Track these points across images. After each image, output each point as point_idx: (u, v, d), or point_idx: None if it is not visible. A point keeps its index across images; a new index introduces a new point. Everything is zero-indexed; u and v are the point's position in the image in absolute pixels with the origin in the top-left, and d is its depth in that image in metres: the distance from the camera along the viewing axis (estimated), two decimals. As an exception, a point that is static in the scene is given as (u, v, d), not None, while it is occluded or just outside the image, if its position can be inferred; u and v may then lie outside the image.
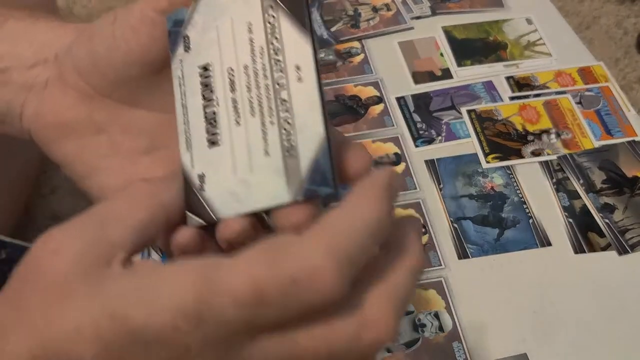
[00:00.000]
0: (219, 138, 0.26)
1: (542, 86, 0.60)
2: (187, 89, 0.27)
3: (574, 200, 0.51)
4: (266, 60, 0.25)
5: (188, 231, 0.25)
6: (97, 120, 0.30)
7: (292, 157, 0.24)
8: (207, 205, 0.26)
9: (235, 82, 0.26)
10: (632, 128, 0.56)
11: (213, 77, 0.26)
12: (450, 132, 0.57)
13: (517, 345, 0.43)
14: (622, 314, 0.44)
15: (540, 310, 0.45)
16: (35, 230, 0.53)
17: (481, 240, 0.49)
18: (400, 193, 0.52)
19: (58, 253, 0.22)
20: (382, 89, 0.60)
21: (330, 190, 0.23)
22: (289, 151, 0.24)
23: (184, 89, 0.27)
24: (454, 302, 0.45)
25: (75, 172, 0.30)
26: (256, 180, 0.25)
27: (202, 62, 0.27)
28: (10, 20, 0.32)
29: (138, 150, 0.30)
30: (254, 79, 0.25)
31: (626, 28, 0.68)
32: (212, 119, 0.26)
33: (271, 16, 0.25)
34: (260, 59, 0.25)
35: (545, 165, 0.53)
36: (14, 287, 0.23)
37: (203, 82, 0.27)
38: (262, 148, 0.25)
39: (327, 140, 0.23)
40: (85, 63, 0.29)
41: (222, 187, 0.26)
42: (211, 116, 0.26)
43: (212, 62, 0.26)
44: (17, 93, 0.30)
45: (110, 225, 0.23)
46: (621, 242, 0.48)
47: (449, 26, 0.66)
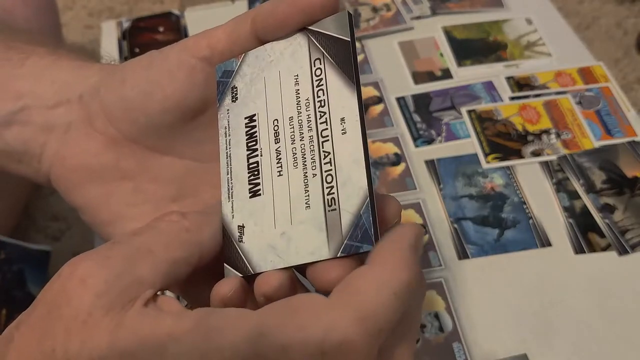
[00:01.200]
0: (261, 189, 0.25)
1: (542, 86, 0.60)
2: (232, 139, 0.27)
3: (574, 201, 0.51)
4: (312, 112, 0.25)
5: (231, 282, 0.24)
6: (124, 167, 0.29)
7: (333, 211, 0.23)
8: (245, 257, 0.25)
9: (279, 133, 0.25)
10: (632, 128, 0.56)
11: (258, 127, 0.26)
12: (450, 132, 0.57)
13: (517, 345, 0.43)
14: (622, 314, 0.44)
15: (540, 310, 0.45)
16: (35, 230, 0.53)
17: (481, 241, 0.49)
18: (399, 193, 0.52)
19: (85, 284, 0.22)
20: (382, 89, 0.60)
21: (371, 247, 0.22)
22: (330, 205, 0.24)
23: (229, 138, 0.27)
24: (454, 303, 0.45)
25: (98, 218, 0.29)
26: (296, 234, 0.24)
27: (248, 113, 0.27)
28: (33, 57, 0.31)
29: (165, 198, 0.29)
30: (298, 131, 0.25)
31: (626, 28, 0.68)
32: (255, 169, 0.26)
33: (318, 69, 0.25)
34: (306, 110, 0.25)
35: (545, 166, 0.53)
36: (40, 310, 0.23)
37: (248, 133, 0.26)
38: (304, 201, 0.24)
39: (370, 196, 0.23)
40: (115, 108, 0.28)
41: (261, 239, 0.25)
42: (254, 167, 0.26)
43: (259, 113, 0.26)
44: (36, 133, 0.29)
45: (141, 260, 0.23)
46: (621, 242, 0.48)
47: (449, 26, 0.66)
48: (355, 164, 0.23)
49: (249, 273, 0.25)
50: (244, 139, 0.26)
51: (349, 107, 0.24)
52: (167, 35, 0.67)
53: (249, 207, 0.26)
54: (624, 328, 0.44)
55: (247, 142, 0.26)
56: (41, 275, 0.48)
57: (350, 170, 0.23)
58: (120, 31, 0.67)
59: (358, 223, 0.23)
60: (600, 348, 0.43)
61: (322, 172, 0.24)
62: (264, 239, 0.25)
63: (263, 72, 0.26)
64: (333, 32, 0.25)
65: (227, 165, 0.27)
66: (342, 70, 0.24)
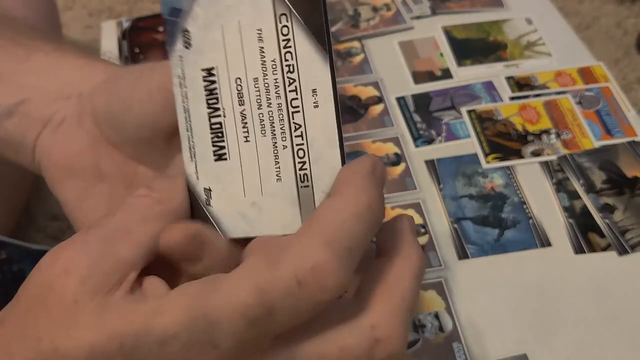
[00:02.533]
0: (226, 153, 0.24)
1: (542, 86, 0.60)
2: (190, 92, 0.25)
3: (574, 201, 0.51)
4: (279, 77, 0.23)
5: (179, 231, 0.24)
6: (104, 169, 0.30)
7: (305, 187, 0.23)
8: (215, 221, 0.25)
9: (243, 95, 0.24)
10: (632, 128, 0.56)
11: (219, 84, 0.24)
12: (450, 132, 0.57)
13: (517, 345, 0.43)
14: (622, 314, 0.44)
15: (540, 310, 0.45)
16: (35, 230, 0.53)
17: (481, 241, 0.49)
18: (399, 193, 0.52)
19: (68, 272, 0.22)
20: (382, 89, 0.60)
21: None
22: (302, 181, 0.23)
23: (185, 90, 0.25)
24: (454, 303, 0.45)
25: (74, 215, 0.30)
26: (268, 205, 0.24)
27: (205, 65, 0.24)
28: (38, 53, 0.31)
29: None
30: (264, 95, 0.23)
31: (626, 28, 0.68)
32: (219, 131, 0.24)
33: (284, 26, 0.23)
34: (273, 74, 0.23)
35: (545, 166, 0.53)
36: (24, 303, 0.23)
37: (208, 88, 0.25)
38: (274, 172, 0.24)
39: None
40: (101, 112, 0.29)
41: (230, 206, 0.25)
42: (217, 127, 0.24)
43: (218, 67, 0.24)
44: (34, 125, 0.30)
45: (120, 240, 0.23)
46: (621, 242, 0.48)
47: (449, 26, 0.66)
48: (329, 142, 0.23)
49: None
50: (203, 94, 0.25)
51: (322, 78, 0.22)
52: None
53: (215, 170, 0.25)
54: (624, 328, 0.44)
55: (207, 99, 0.24)
56: (41, 275, 0.48)
57: (323, 148, 0.23)
58: (120, 31, 0.67)
59: None
60: (600, 348, 0.43)
61: (293, 145, 0.23)
62: (232, 206, 0.25)
63: (219, 19, 0.24)
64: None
65: (185, 121, 0.25)
66: (312, 32, 0.22)
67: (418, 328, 0.44)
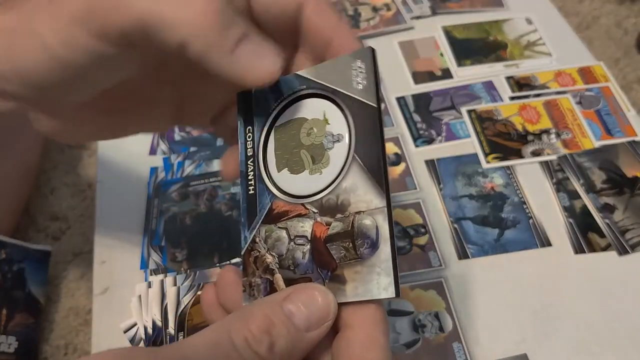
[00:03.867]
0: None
1: (542, 86, 0.60)
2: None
3: (574, 201, 0.51)
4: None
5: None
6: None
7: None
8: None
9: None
10: (632, 128, 0.56)
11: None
12: (450, 132, 0.57)
13: (517, 345, 0.43)
14: (622, 314, 0.44)
15: (540, 310, 0.45)
16: (35, 230, 0.53)
17: (481, 241, 0.49)
18: (400, 193, 0.52)
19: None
20: (382, 88, 0.60)
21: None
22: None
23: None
24: (454, 302, 0.45)
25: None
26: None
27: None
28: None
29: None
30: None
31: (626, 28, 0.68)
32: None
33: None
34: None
35: (545, 165, 0.53)
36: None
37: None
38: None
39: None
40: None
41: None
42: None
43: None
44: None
45: None
46: (621, 242, 0.48)
47: (449, 26, 0.66)
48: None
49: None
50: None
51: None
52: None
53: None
54: (624, 328, 0.44)
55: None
56: (41, 275, 0.48)
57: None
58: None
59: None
60: (600, 348, 0.43)
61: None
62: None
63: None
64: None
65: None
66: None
67: (418, 328, 0.44)
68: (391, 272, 0.25)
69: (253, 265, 0.29)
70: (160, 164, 0.54)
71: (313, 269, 0.27)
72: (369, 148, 0.27)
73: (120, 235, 0.49)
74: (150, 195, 0.52)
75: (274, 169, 0.29)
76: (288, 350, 0.25)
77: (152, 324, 0.43)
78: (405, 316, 0.44)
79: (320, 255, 0.27)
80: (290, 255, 0.28)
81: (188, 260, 0.48)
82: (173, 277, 0.46)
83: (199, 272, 0.46)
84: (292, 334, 0.25)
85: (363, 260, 0.26)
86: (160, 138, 0.57)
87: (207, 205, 0.51)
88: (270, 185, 0.29)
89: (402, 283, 0.46)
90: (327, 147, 0.28)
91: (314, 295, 0.26)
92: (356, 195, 0.27)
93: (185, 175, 0.53)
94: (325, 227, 0.27)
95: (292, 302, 0.25)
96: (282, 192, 0.29)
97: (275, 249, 0.28)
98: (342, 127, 0.28)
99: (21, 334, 0.45)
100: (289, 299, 0.26)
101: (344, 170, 0.27)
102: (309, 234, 0.27)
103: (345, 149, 0.27)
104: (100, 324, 0.45)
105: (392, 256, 0.25)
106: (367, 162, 0.27)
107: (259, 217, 0.29)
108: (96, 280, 0.47)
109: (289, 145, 0.29)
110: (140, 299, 0.45)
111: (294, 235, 0.28)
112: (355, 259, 0.26)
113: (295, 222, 0.28)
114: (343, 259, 0.26)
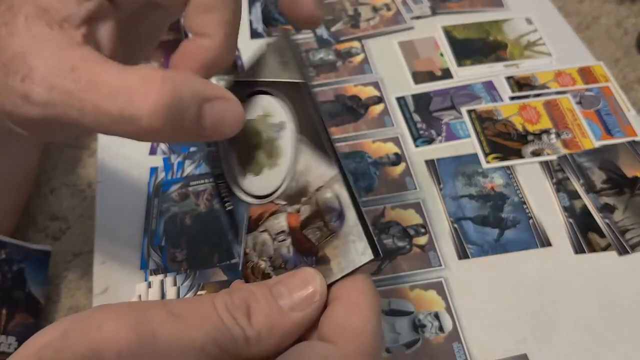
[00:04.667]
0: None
1: (542, 86, 0.60)
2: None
3: (574, 201, 0.51)
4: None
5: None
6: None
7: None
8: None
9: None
10: (632, 128, 0.56)
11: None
12: (450, 132, 0.57)
13: (517, 345, 0.43)
14: (622, 314, 0.44)
15: (540, 310, 0.45)
16: (35, 230, 0.53)
17: (481, 241, 0.49)
18: (399, 193, 0.52)
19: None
20: (382, 89, 0.60)
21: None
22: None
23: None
24: (454, 303, 0.45)
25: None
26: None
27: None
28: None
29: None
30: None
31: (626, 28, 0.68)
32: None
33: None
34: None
35: (545, 165, 0.53)
36: None
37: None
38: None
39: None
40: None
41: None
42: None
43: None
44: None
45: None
46: (621, 242, 0.48)
47: (449, 26, 0.66)
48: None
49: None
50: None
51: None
52: (168, 34, 0.67)
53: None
54: (623, 327, 0.44)
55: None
56: (41, 275, 0.48)
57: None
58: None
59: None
60: (600, 348, 0.43)
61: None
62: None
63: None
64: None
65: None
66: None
67: (418, 328, 0.44)
68: (362, 235, 0.25)
69: (253, 276, 0.29)
70: (160, 164, 0.54)
71: (300, 259, 0.27)
72: (308, 123, 0.27)
73: (120, 235, 0.49)
74: (150, 195, 0.52)
75: (241, 178, 0.30)
76: (267, 326, 0.25)
77: (152, 324, 0.43)
78: (405, 316, 0.44)
79: (300, 243, 0.27)
80: (277, 254, 0.28)
81: (188, 260, 0.48)
82: (173, 277, 0.46)
83: (199, 272, 0.46)
84: (274, 311, 0.25)
85: (336, 233, 0.26)
86: (160, 138, 0.57)
87: (207, 205, 0.51)
88: (242, 195, 0.29)
89: (402, 283, 0.46)
90: (275, 138, 0.28)
91: (301, 277, 0.26)
92: (311, 173, 0.27)
93: (185, 175, 0.53)
94: (297, 214, 0.27)
95: (281, 284, 0.26)
96: (253, 196, 0.29)
97: (264, 253, 0.28)
98: (281, 115, 0.28)
99: (21, 334, 0.45)
100: (279, 281, 0.26)
101: (294, 154, 0.27)
102: (286, 227, 0.27)
103: (290, 133, 0.28)
104: (100, 324, 0.45)
105: (359, 220, 0.25)
106: (310, 138, 0.27)
107: (243, 229, 0.29)
108: (96, 280, 0.47)
109: (245, 150, 0.29)
110: (140, 299, 0.45)
111: (274, 233, 0.28)
112: (330, 235, 0.26)
113: (272, 220, 0.28)
114: (320, 239, 0.26)
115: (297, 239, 0.27)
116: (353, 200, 0.25)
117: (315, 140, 0.26)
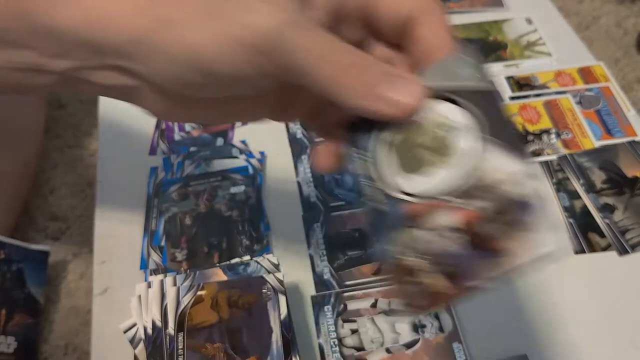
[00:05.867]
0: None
1: (542, 86, 0.60)
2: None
3: (574, 201, 0.51)
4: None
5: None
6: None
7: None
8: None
9: None
10: (632, 128, 0.56)
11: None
12: (450, 132, 0.56)
13: (517, 345, 0.43)
14: (622, 314, 0.44)
15: (540, 310, 0.45)
16: (35, 230, 0.53)
17: (481, 241, 0.49)
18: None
19: None
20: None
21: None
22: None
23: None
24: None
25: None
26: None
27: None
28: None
29: None
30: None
31: (626, 28, 0.68)
32: None
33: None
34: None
35: (545, 165, 0.53)
36: None
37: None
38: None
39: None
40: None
41: None
42: None
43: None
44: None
45: None
46: (621, 242, 0.48)
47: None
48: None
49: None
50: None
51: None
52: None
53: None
54: (623, 327, 0.44)
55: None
56: (41, 275, 0.48)
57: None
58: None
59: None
60: (600, 348, 0.43)
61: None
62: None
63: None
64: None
65: None
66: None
67: (418, 328, 0.44)
68: (548, 226, 0.26)
69: (402, 274, 0.28)
70: (160, 164, 0.54)
71: (478, 255, 0.27)
72: (495, 124, 0.27)
73: (120, 235, 0.49)
74: (150, 195, 0.52)
75: (400, 177, 0.29)
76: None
77: (152, 324, 0.43)
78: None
79: (479, 239, 0.27)
80: (443, 251, 0.27)
81: (188, 260, 0.48)
82: (173, 277, 0.46)
83: (199, 272, 0.46)
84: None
85: (521, 227, 0.26)
86: (160, 138, 0.57)
87: (207, 205, 0.51)
88: (395, 193, 0.29)
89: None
90: (447, 138, 0.28)
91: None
92: (495, 169, 0.27)
93: (185, 175, 0.53)
94: (475, 211, 0.27)
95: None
96: (412, 195, 0.29)
97: (422, 251, 0.28)
98: (457, 116, 0.28)
99: (20, 334, 0.45)
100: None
101: (475, 152, 0.28)
102: (460, 224, 0.27)
103: (472, 133, 0.28)
104: (100, 324, 0.45)
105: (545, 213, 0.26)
106: (497, 136, 0.27)
107: (394, 227, 0.29)
108: (96, 280, 0.47)
109: (409, 149, 0.29)
110: (140, 299, 0.44)
111: (443, 229, 0.27)
112: (514, 230, 0.26)
113: (440, 216, 0.28)
114: (503, 234, 0.26)
115: (473, 236, 0.27)
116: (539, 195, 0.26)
117: (503, 138, 0.27)
